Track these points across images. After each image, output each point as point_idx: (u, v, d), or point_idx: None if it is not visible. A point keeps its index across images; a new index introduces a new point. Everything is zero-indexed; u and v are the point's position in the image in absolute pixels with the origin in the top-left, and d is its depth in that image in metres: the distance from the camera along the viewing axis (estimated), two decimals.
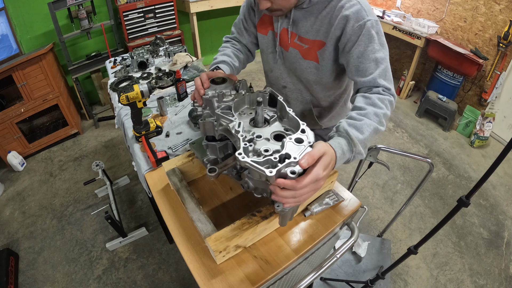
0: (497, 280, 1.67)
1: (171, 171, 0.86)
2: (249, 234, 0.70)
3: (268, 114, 0.67)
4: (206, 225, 0.70)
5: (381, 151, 1.25)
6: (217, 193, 0.91)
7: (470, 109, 2.80)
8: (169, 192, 0.90)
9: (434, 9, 3.08)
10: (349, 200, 0.86)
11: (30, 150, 2.53)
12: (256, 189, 0.66)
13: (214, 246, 0.65)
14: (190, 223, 0.80)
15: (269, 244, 0.75)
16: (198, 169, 0.95)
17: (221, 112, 0.66)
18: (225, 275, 0.68)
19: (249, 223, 0.69)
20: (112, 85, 1.59)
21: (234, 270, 0.69)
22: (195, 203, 0.76)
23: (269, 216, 0.71)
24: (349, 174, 2.33)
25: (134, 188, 2.22)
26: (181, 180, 0.83)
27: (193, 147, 0.85)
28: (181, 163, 0.89)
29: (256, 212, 0.72)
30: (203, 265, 0.70)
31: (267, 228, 0.75)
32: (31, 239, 1.88)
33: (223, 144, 0.76)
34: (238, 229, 0.68)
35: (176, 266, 1.70)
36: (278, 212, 0.60)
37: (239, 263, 0.70)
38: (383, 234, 1.78)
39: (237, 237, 0.67)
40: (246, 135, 0.60)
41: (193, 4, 2.97)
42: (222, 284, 0.66)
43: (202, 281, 0.67)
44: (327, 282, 1.54)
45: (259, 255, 0.72)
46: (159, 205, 0.86)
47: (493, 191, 2.25)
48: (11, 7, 2.43)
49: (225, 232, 0.68)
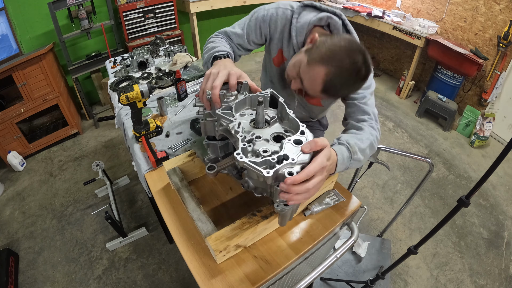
0: (497, 280, 1.67)
1: (171, 170, 0.86)
2: (250, 234, 0.70)
3: (268, 115, 0.68)
4: (206, 224, 0.70)
5: (381, 151, 1.26)
6: (217, 193, 0.91)
7: (470, 109, 2.80)
8: (169, 192, 0.90)
9: (434, 9, 3.08)
10: (349, 200, 0.86)
11: (30, 150, 2.53)
12: (256, 189, 0.66)
13: (215, 246, 0.65)
14: (190, 223, 0.80)
15: (269, 244, 0.75)
16: (199, 169, 0.95)
17: (221, 112, 0.66)
18: (225, 275, 0.68)
19: (249, 223, 0.69)
20: (112, 85, 1.59)
21: (234, 270, 0.69)
22: (196, 203, 0.76)
23: (269, 216, 0.71)
24: (349, 174, 2.33)
25: (134, 188, 2.22)
26: (182, 179, 0.83)
27: (194, 146, 0.85)
28: (182, 162, 0.89)
29: (257, 212, 0.72)
30: (203, 265, 0.70)
31: (268, 228, 0.74)
32: (31, 239, 1.88)
33: (224, 143, 0.76)
34: (238, 228, 0.68)
35: (176, 266, 1.70)
36: (278, 212, 0.60)
37: (239, 263, 0.70)
38: (383, 234, 1.78)
39: (237, 237, 0.67)
40: (246, 136, 0.60)
41: (193, 4, 2.97)
42: (222, 284, 0.66)
43: (202, 281, 0.67)
44: (327, 282, 1.54)
45: (259, 255, 0.72)
46: (159, 205, 0.86)
47: (493, 191, 2.25)
48: (11, 7, 2.43)
49: (225, 232, 0.68)
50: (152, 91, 1.07)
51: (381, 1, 3.64)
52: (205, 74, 0.75)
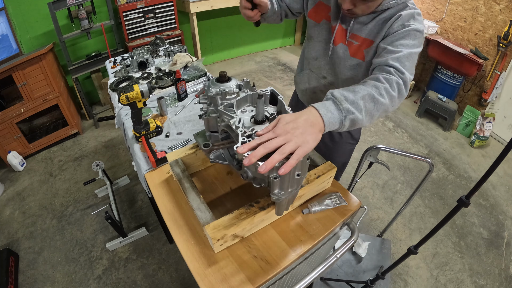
0: (497, 280, 1.67)
1: (174, 162, 0.89)
2: (247, 224, 0.72)
3: (268, 112, 0.70)
4: (205, 213, 0.73)
5: (381, 151, 1.25)
6: (218, 186, 0.94)
7: (470, 109, 2.80)
8: (169, 192, 0.91)
9: (434, 9, 3.08)
10: (349, 200, 0.86)
11: (30, 150, 2.53)
12: (254, 179, 0.68)
13: (212, 234, 0.67)
14: (190, 223, 0.80)
15: (269, 244, 0.75)
16: (201, 161, 0.97)
17: (223, 109, 0.70)
18: (225, 275, 0.68)
19: (247, 213, 0.71)
20: (112, 85, 1.59)
21: (234, 270, 0.69)
22: (196, 193, 0.78)
23: (267, 207, 0.73)
24: (349, 174, 2.33)
25: (134, 188, 2.22)
26: (184, 170, 0.86)
27: (197, 138, 0.88)
28: (184, 154, 0.91)
29: (254, 203, 0.74)
30: (203, 265, 0.70)
31: (265, 219, 0.76)
32: (31, 239, 1.88)
33: (225, 135, 0.80)
34: (236, 218, 0.70)
35: (176, 266, 1.70)
36: (273, 200, 0.63)
37: (239, 263, 0.71)
38: (383, 234, 1.78)
39: (234, 226, 0.69)
40: (246, 131, 0.64)
41: (193, 4, 2.97)
42: (222, 284, 0.66)
43: (202, 281, 0.67)
44: (327, 282, 1.54)
45: (259, 255, 0.72)
46: (159, 205, 0.87)
47: (493, 191, 2.25)
48: (11, 7, 2.43)
49: (223, 221, 0.70)
50: (152, 91, 1.07)
51: None
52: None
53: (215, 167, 1.00)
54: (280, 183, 0.59)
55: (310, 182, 0.79)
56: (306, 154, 0.57)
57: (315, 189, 0.85)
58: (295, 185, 0.63)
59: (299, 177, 0.61)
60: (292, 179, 0.61)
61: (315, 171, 0.82)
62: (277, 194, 0.61)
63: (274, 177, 0.57)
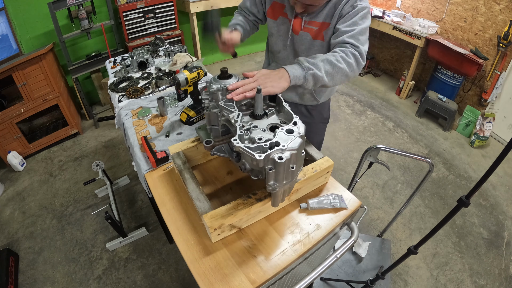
0: (497, 280, 1.67)
1: (175, 154, 0.91)
2: (244, 215, 0.74)
3: (267, 108, 0.74)
4: (203, 203, 0.75)
5: (381, 151, 1.26)
6: (218, 179, 0.96)
7: (470, 109, 2.80)
8: (169, 192, 0.91)
9: (434, 9, 3.08)
10: (349, 200, 0.86)
11: (30, 150, 2.53)
12: (252, 171, 0.70)
13: (210, 223, 0.69)
14: (190, 223, 0.80)
15: (269, 244, 0.75)
16: (202, 155, 1.00)
17: (224, 104, 0.74)
18: (225, 275, 0.68)
19: (244, 204, 0.74)
20: (112, 85, 1.59)
21: (234, 270, 0.69)
22: (196, 183, 0.81)
23: (263, 199, 0.75)
24: (349, 174, 2.33)
25: (134, 188, 2.22)
26: (185, 162, 0.88)
27: (198, 131, 0.92)
28: (186, 147, 0.93)
29: (252, 195, 0.76)
30: (203, 265, 0.70)
31: (262, 210, 0.78)
32: (31, 239, 1.88)
33: (225, 129, 0.82)
34: (233, 208, 0.73)
35: (176, 266, 1.70)
36: (269, 191, 0.67)
37: (240, 263, 0.71)
38: (383, 234, 1.78)
39: (231, 216, 0.71)
40: (244, 125, 0.68)
41: (193, 4, 2.97)
42: (222, 284, 0.66)
43: (202, 281, 0.67)
44: (327, 282, 1.54)
45: (259, 255, 0.73)
46: (159, 205, 0.87)
47: (493, 191, 2.25)
48: (11, 7, 2.43)
49: (220, 211, 0.72)
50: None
51: (381, 1, 3.64)
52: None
53: (216, 162, 1.02)
54: (275, 175, 0.62)
55: (307, 176, 0.81)
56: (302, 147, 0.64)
57: (312, 183, 0.86)
58: (290, 177, 0.66)
59: (294, 170, 0.63)
60: (287, 171, 0.63)
61: (312, 165, 0.84)
62: (272, 185, 0.64)
63: (270, 169, 0.60)
